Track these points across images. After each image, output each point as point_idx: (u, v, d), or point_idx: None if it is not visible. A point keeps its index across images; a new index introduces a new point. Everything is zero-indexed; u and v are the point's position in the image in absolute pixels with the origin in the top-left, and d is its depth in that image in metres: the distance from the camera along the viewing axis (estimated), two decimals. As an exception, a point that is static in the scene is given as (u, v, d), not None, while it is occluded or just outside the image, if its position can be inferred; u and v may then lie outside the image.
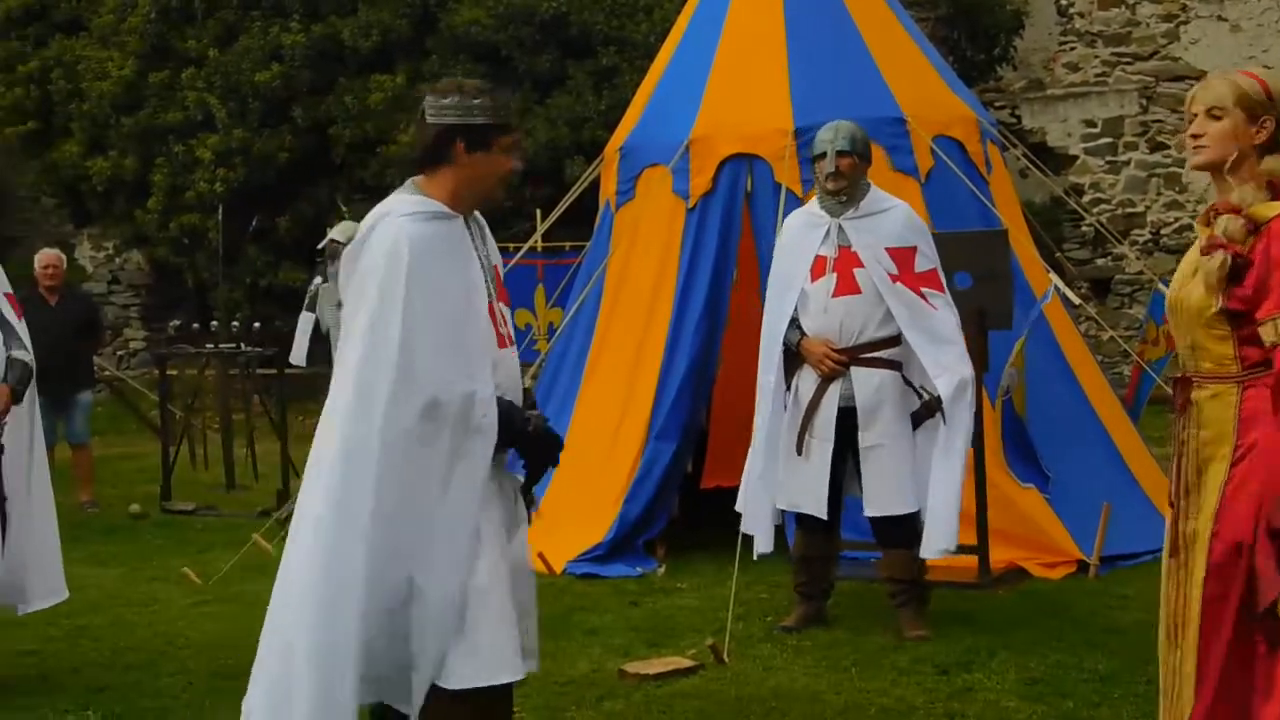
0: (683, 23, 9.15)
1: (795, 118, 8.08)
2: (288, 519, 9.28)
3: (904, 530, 6.42)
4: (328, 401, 3.79)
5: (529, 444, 3.95)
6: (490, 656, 3.74)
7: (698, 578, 7.69)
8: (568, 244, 11.24)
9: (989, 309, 7.12)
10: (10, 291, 6.16)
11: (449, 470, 3.68)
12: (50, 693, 5.87)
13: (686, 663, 5.99)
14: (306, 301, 11.21)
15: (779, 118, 8.12)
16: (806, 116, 7.94)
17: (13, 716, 5.51)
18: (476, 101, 3.82)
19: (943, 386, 6.26)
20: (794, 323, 6.48)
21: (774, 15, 8.46)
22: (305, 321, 11.10)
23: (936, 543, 6.30)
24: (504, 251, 11.68)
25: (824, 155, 6.43)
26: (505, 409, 3.79)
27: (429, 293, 3.67)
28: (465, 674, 3.70)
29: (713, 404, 8.72)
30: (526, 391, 4.11)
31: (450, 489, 3.69)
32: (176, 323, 13.17)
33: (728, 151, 8.22)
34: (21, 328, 6.08)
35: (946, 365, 6.29)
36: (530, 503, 4.06)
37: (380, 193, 13.53)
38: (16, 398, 5.91)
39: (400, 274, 3.64)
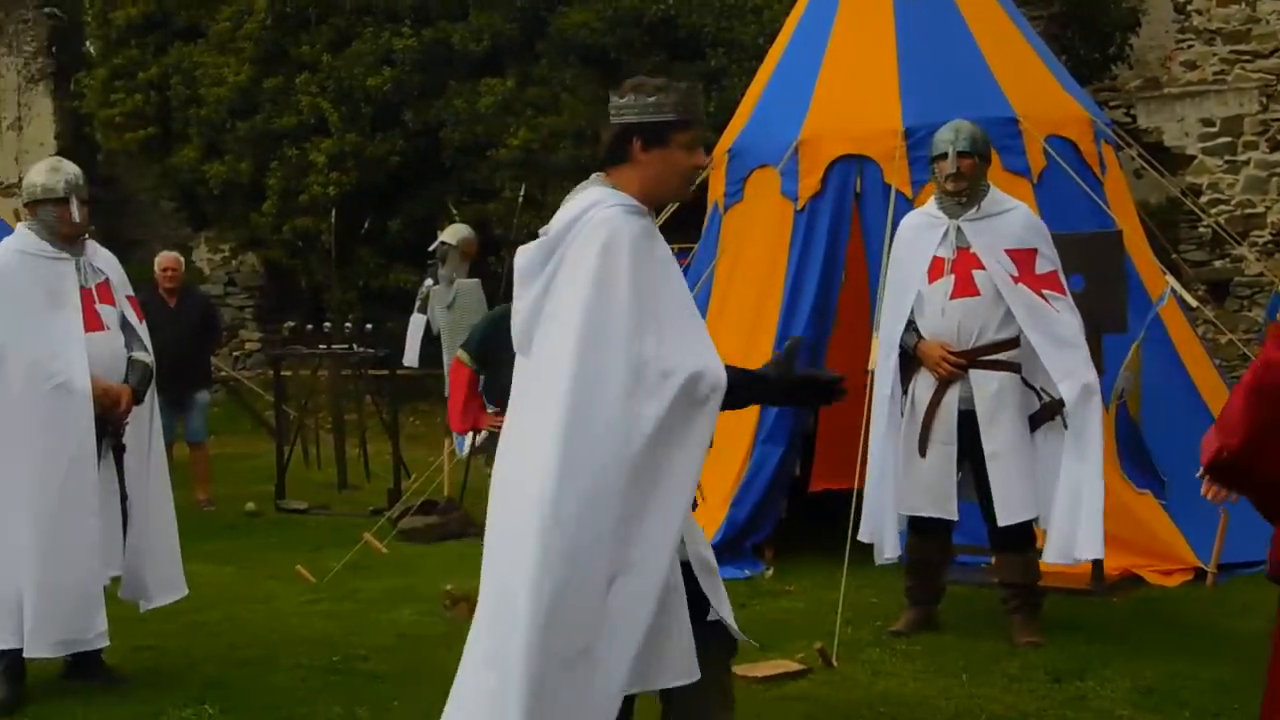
0: (792, 24, 9.13)
1: (905, 118, 8.03)
2: (399, 518, 9.48)
3: (1019, 535, 6.33)
4: (524, 395, 3.84)
5: (789, 390, 4.01)
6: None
7: (805, 581, 7.66)
8: (675, 246, 11.18)
9: (1103, 312, 7.00)
10: (132, 294, 6.29)
11: (670, 454, 3.67)
12: (168, 687, 5.98)
13: (794, 666, 5.97)
14: (418, 303, 11.32)
15: (889, 118, 8.06)
16: (917, 116, 7.88)
17: (132, 710, 5.62)
18: (652, 99, 3.83)
19: (1067, 391, 6.15)
20: (910, 325, 6.42)
21: (884, 15, 8.41)
22: (417, 323, 11.21)
23: (1085, 551, 6.19)
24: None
25: (945, 156, 6.37)
26: (736, 375, 3.79)
27: (648, 278, 3.68)
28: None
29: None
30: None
31: (669, 473, 3.68)
32: (291, 324, 13.37)
33: (837, 152, 8.17)
34: (143, 329, 6.21)
35: (1070, 370, 6.18)
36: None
37: (489, 195, 13.79)
38: (137, 398, 6.03)
39: (621, 260, 3.64)
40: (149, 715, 5.55)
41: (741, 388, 3.83)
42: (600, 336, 3.62)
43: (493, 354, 6.61)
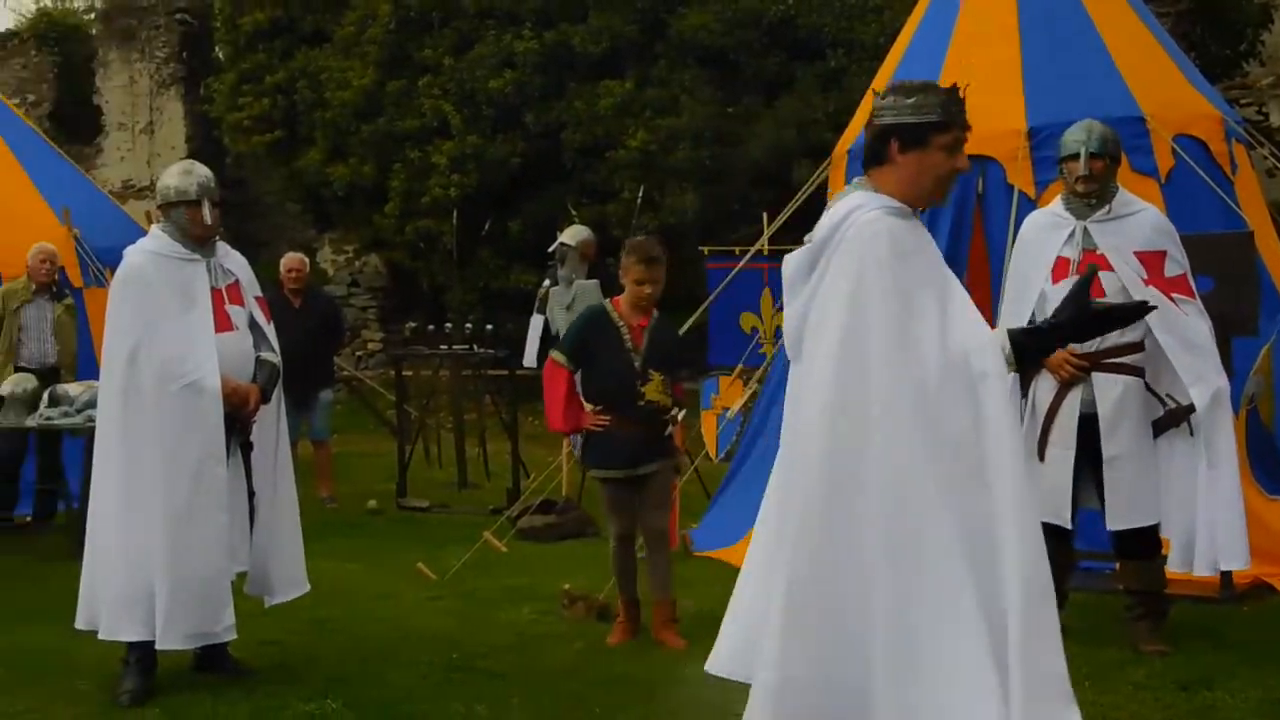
0: (913, 23, 9.04)
1: (1029, 117, 7.92)
2: (518, 517, 9.54)
3: (1144, 541, 6.22)
4: (796, 402, 3.86)
5: (1092, 322, 4.00)
6: None
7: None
8: (794, 247, 11.19)
9: (1233, 314, 6.83)
10: (260, 295, 6.40)
11: (969, 447, 3.67)
12: (292, 681, 6.07)
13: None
14: (537, 304, 11.39)
15: (1012, 118, 7.95)
16: (1041, 116, 7.77)
17: (258, 703, 5.72)
18: (910, 100, 3.86)
19: (1198, 396, 6.01)
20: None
21: (1007, 13, 8.30)
22: (536, 324, 11.28)
23: (1230, 561, 6.07)
24: (730, 255, 11.79)
25: (1076, 157, 6.26)
26: (1020, 335, 3.81)
27: (912, 276, 3.72)
28: None
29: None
30: None
31: (979, 470, 3.66)
32: (412, 324, 13.51)
33: (959, 152, 8.07)
34: (270, 330, 6.31)
35: (1201, 374, 6.05)
36: None
37: (608, 196, 13.81)
38: (265, 397, 6.14)
39: (883, 264, 3.68)
40: (274, 709, 5.64)
41: (1032, 345, 3.84)
42: (863, 348, 3.65)
43: (587, 353, 6.65)
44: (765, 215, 11.33)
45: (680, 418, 6.69)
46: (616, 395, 6.57)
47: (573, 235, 10.85)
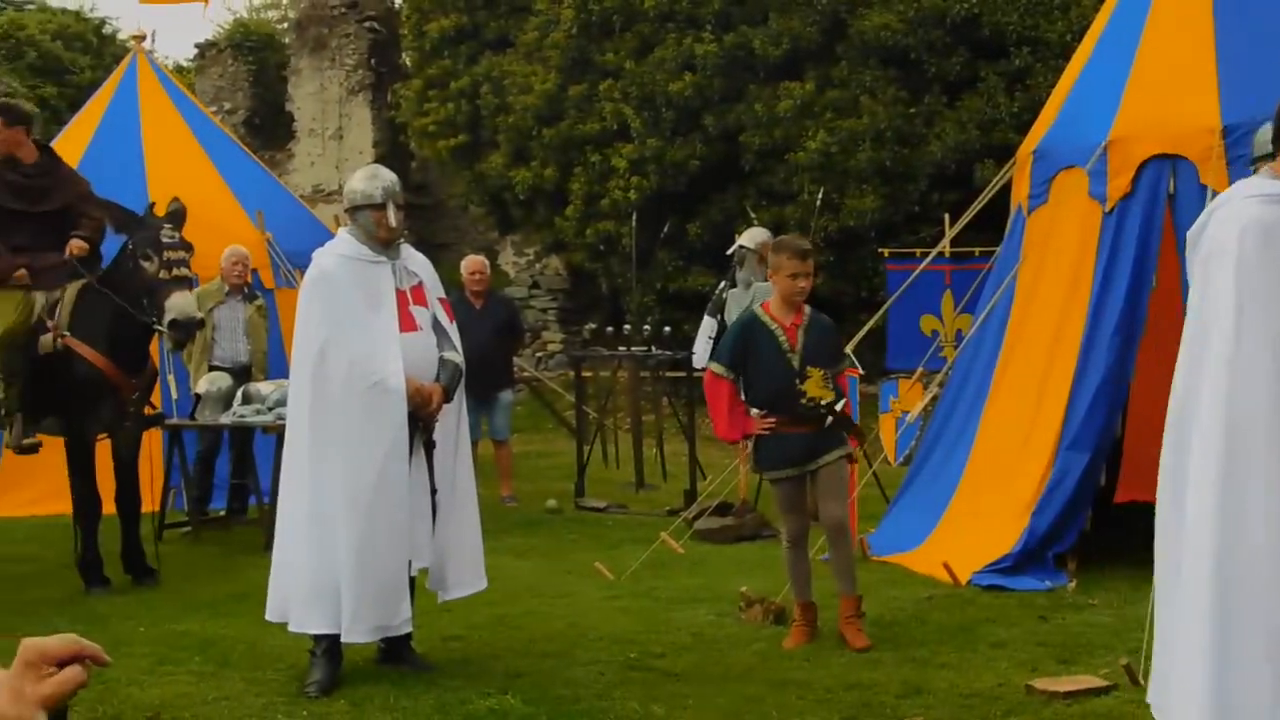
0: (1102, 19, 8.84)
1: (1224, 115, 7.67)
2: (695, 518, 9.55)
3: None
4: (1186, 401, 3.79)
5: None
6: None
7: (1111, 594, 7.40)
8: (977, 249, 11.05)
9: None
10: (444, 296, 6.52)
11: None
12: (473, 676, 6.17)
13: (1099, 682, 5.77)
14: (711, 305, 11.40)
15: (1206, 115, 7.72)
16: (1236, 113, 7.52)
17: (439, 696, 5.82)
18: None
19: None
20: None
21: (1202, 7, 8.05)
22: (708, 325, 11.29)
23: None
24: (911, 258, 11.65)
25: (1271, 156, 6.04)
26: None
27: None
28: None
29: (1128, 414, 8.39)
30: None
31: None
32: (591, 326, 13.65)
33: (1149, 152, 7.87)
34: (453, 330, 6.42)
35: None
36: None
37: (787, 199, 13.75)
38: (448, 396, 6.24)
39: (1246, 251, 3.64)
40: (455, 703, 5.73)
41: None
42: (1252, 331, 3.61)
43: (745, 360, 6.63)
44: (947, 217, 11.19)
45: (839, 408, 6.64)
46: (779, 397, 6.56)
47: (751, 238, 10.83)
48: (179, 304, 8.00)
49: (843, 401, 6.70)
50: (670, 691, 5.87)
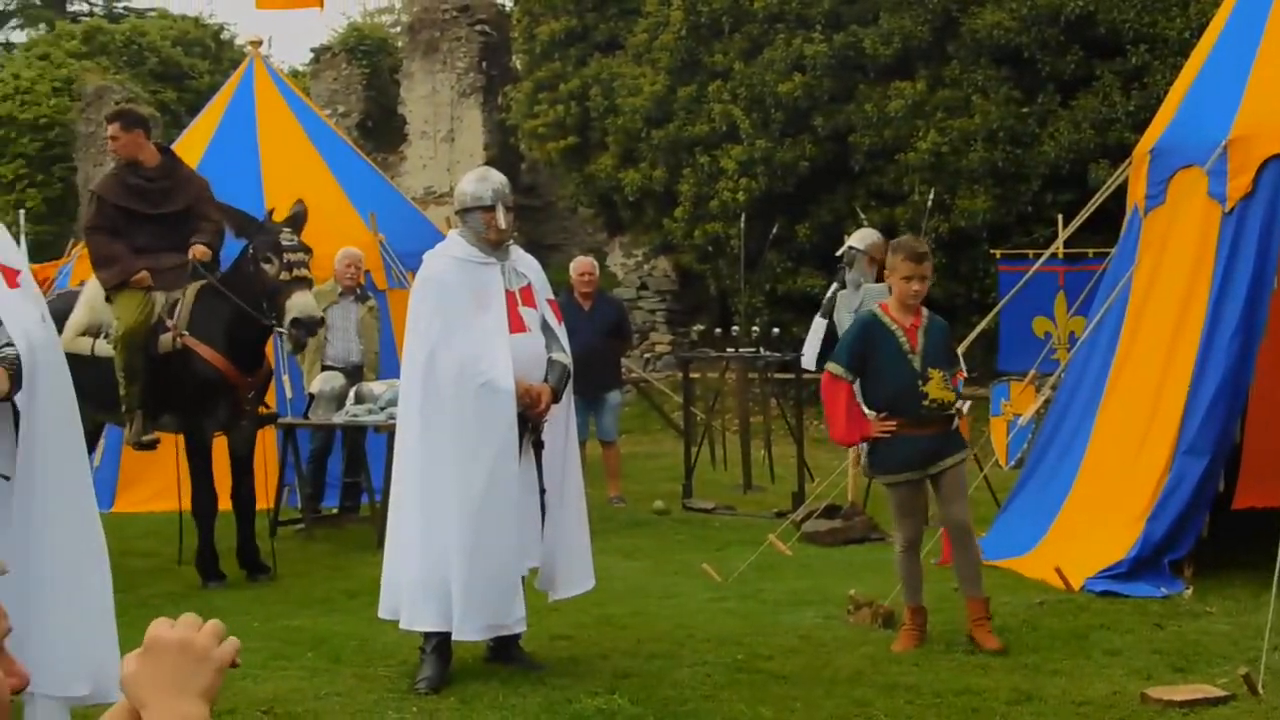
0: (1223, 15, 8.66)
1: (1350, 113, 7.48)
2: (803, 521, 9.51)
3: None
4: None
5: None
6: None
7: (1229, 602, 7.24)
8: (1091, 250, 10.89)
9: None
10: (553, 297, 6.56)
11: None
12: (580, 676, 6.19)
13: (1216, 691, 5.65)
14: (823, 307, 11.35)
15: (1330, 113, 7.53)
16: (1361, 112, 7.33)
17: (547, 695, 5.85)
18: None
19: None
20: None
21: (1326, 3, 7.86)
22: (818, 327, 11.24)
23: None
24: (1023, 259, 11.51)
25: None
26: None
27: None
28: None
29: (1247, 418, 8.21)
30: None
31: None
32: (700, 327, 13.63)
33: (1271, 151, 7.68)
34: (562, 331, 6.46)
35: None
36: None
37: (897, 200, 13.69)
38: (556, 397, 6.28)
39: None
40: (563, 702, 5.76)
41: None
42: None
43: (865, 361, 6.57)
44: (1060, 218, 11.04)
45: (965, 409, 6.57)
46: (900, 399, 6.51)
47: (861, 239, 10.78)
48: (300, 303, 8.15)
49: (968, 404, 6.62)
50: (777, 694, 5.85)
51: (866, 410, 6.67)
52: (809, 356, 11.33)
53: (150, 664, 1.82)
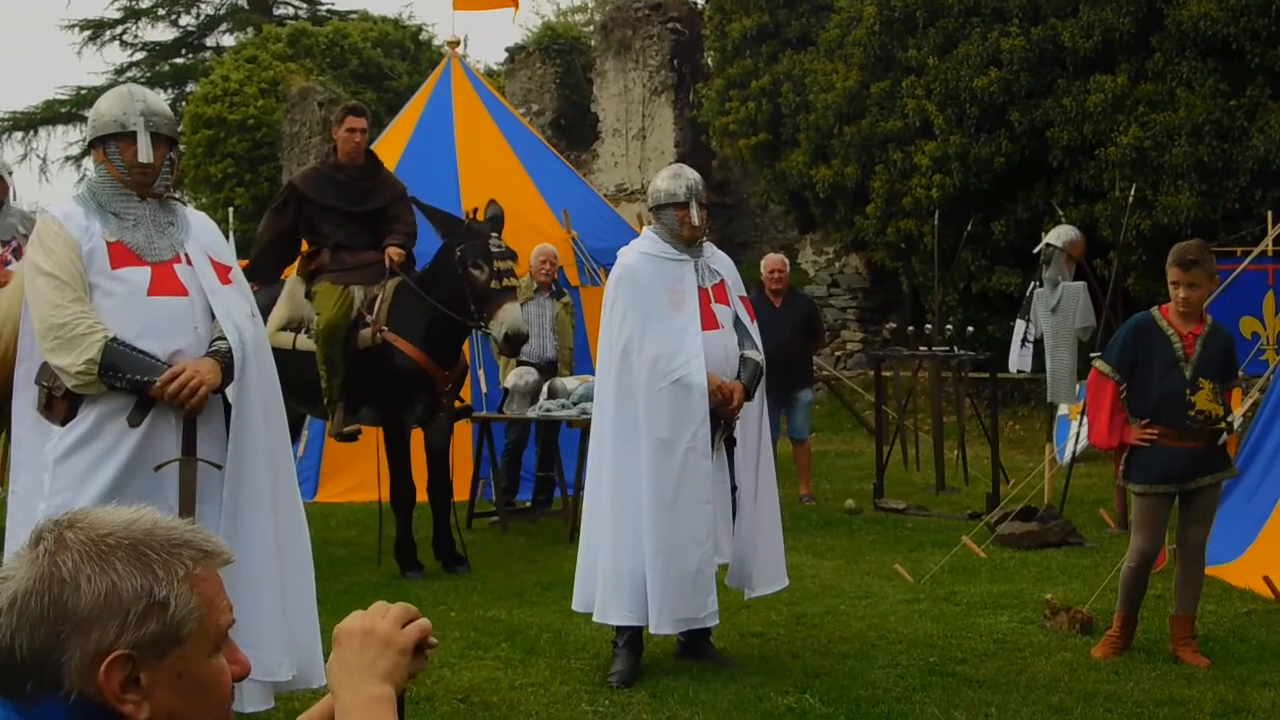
0: None
1: None
2: (997, 523, 9.36)
3: None
4: None
5: None
6: None
7: None
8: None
9: None
10: (745, 294, 6.56)
11: None
12: (771, 674, 6.18)
13: None
14: (1022, 307, 11.15)
15: None
16: None
17: (738, 692, 5.86)
18: None
19: None
20: None
21: None
22: (1019, 328, 11.05)
23: None
24: (1230, 256, 11.17)
25: None
26: None
27: None
28: None
29: None
30: None
31: None
32: (892, 325, 13.51)
33: None
34: (754, 328, 6.46)
35: None
36: None
37: (1096, 196, 13.39)
38: (748, 394, 6.28)
39: None
40: (753, 699, 5.76)
41: None
42: None
43: (1136, 364, 6.34)
44: (1270, 214, 10.67)
45: (1236, 426, 6.31)
46: (1166, 407, 6.26)
47: (1059, 236, 10.57)
48: (511, 319, 8.31)
49: (1239, 420, 6.36)
50: (972, 698, 5.76)
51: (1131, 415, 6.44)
52: (1012, 358, 11.15)
53: (339, 654, 1.89)
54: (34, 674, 1.62)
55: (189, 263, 5.00)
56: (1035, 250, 10.90)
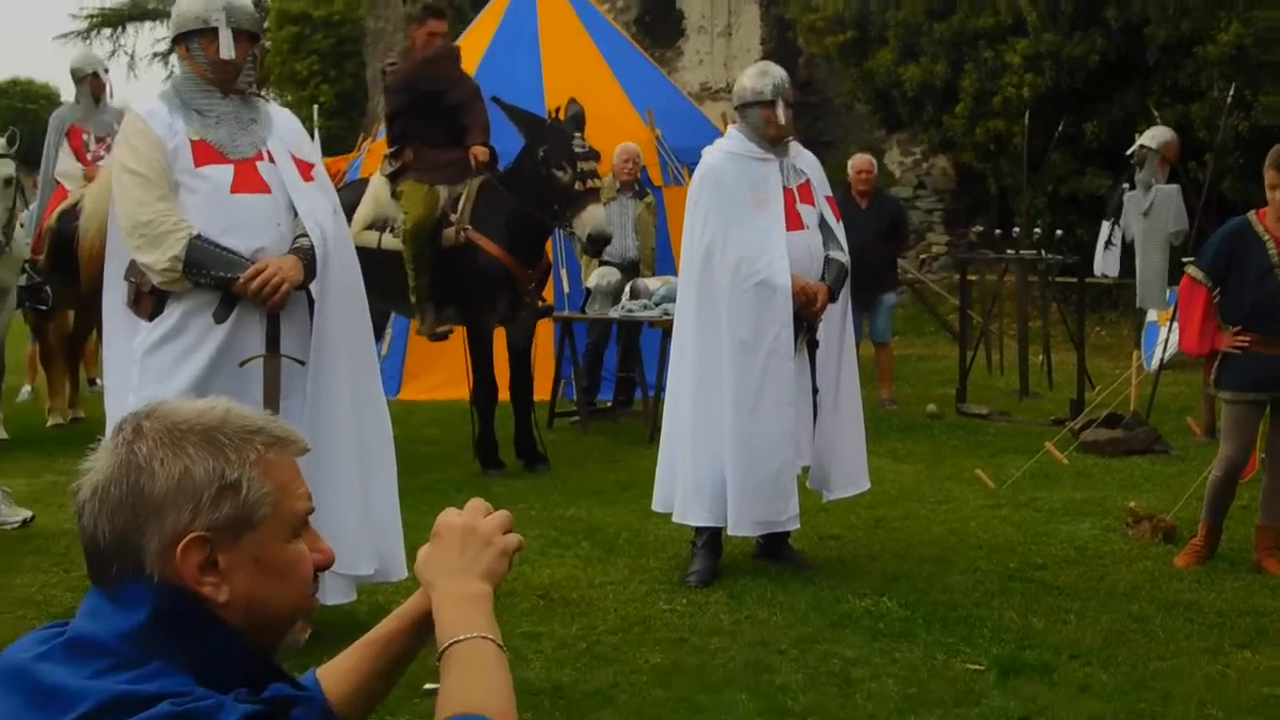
0: None
1: None
2: (1081, 429, 9.26)
3: None
4: None
5: None
6: None
7: None
8: None
9: None
10: (830, 195, 6.48)
11: None
12: (850, 577, 6.19)
13: None
14: (1110, 209, 10.96)
15: None
16: None
17: (816, 594, 5.87)
18: None
19: None
20: None
21: None
22: (1105, 230, 10.86)
23: None
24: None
25: None
26: None
27: None
28: None
29: None
30: None
31: None
32: (978, 228, 13.33)
33: None
34: (839, 230, 6.39)
35: None
36: None
37: (1193, 96, 12.99)
38: (832, 296, 6.23)
39: None
40: (831, 601, 5.77)
41: None
42: None
43: (1230, 269, 6.20)
44: (1374, 116, 10.36)
45: None
46: (1260, 314, 6.13)
47: (1153, 137, 10.35)
48: (595, 219, 8.29)
49: None
50: (1050, 604, 5.74)
51: (1223, 322, 6.31)
52: (1097, 262, 10.97)
53: (437, 548, 1.91)
54: (116, 559, 1.65)
55: (271, 160, 5.02)
56: (1128, 152, 10.68)
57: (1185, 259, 7.80)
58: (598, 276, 10.24)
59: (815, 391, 6.30)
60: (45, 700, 1.57)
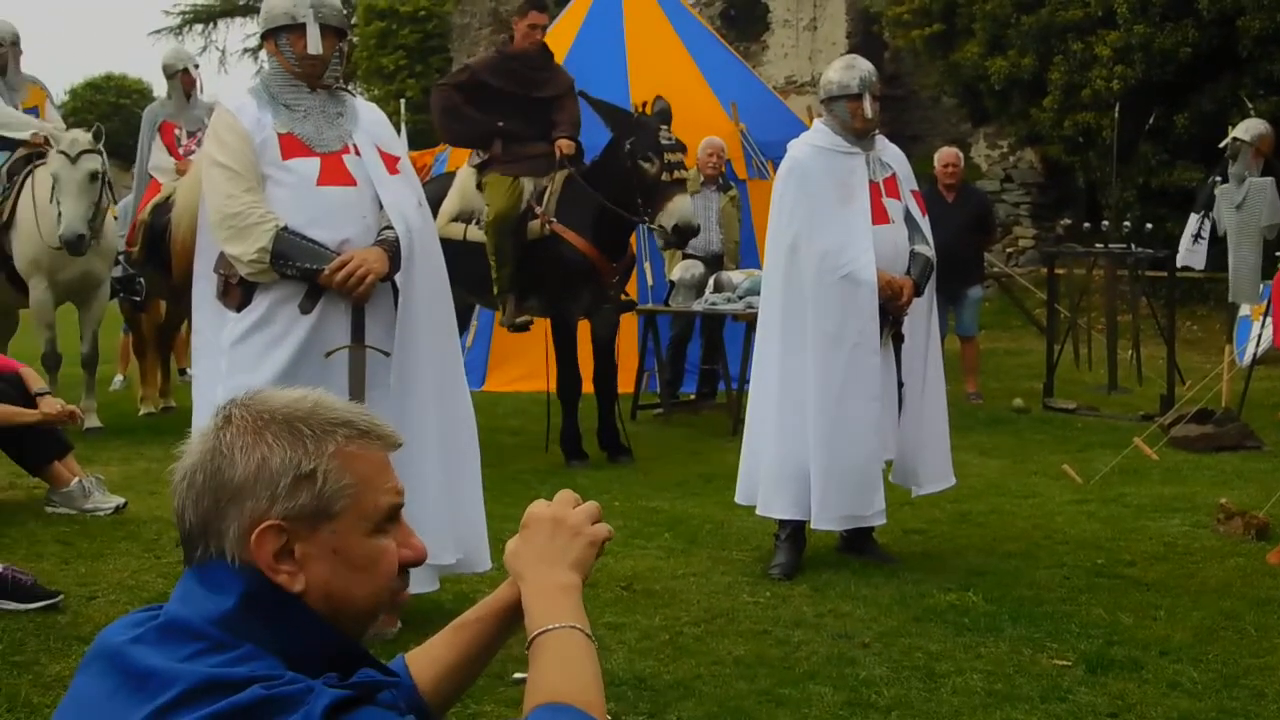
0: None
1: None
2: (1171, 424, 9.14)
3: None
4: None
5: None
6: None
7: None
8: None
9: None
10: (916, 189, 6.44)
11: None
12: (934, 571, 6.14)
13: None
14: (1199, 202, 10.79)
15: None
16: None
17: (899, 588, 5.83)
18: None
19: None
20: None
21: None
22: (1193, 223, 10.70)
23: None
24: None
25: None
26: None
27: None
28: None
29: None
30: None
31: None
32: (1066, 221, 13.20)
33: None
34: (925, 224, 6.35)
35: None
36: None
37: (1289, 87, 12.54)
38: (918, 290, 6.19)
39: None
40: (915, 595, 5.73)
41: None
42: None
43: None
44: None
45: None
46: None
47: (1247, 129, 10.18)
48: (682, 210, 8.31)
49: None
50: (1139, 601, 5.66)
51: None
52: (1184, 254, 10.82)
53: (526, 539, 1.93)
54: (201, 541, 1.68)
55: (357, 153, 5.07)
56: (1221, 144, 10.51)
57: (1279, 253, 7.68)
58: (682, 270, 10.24)
59: (900, 385, 6.26)
60: (139, 682, 1.60)
